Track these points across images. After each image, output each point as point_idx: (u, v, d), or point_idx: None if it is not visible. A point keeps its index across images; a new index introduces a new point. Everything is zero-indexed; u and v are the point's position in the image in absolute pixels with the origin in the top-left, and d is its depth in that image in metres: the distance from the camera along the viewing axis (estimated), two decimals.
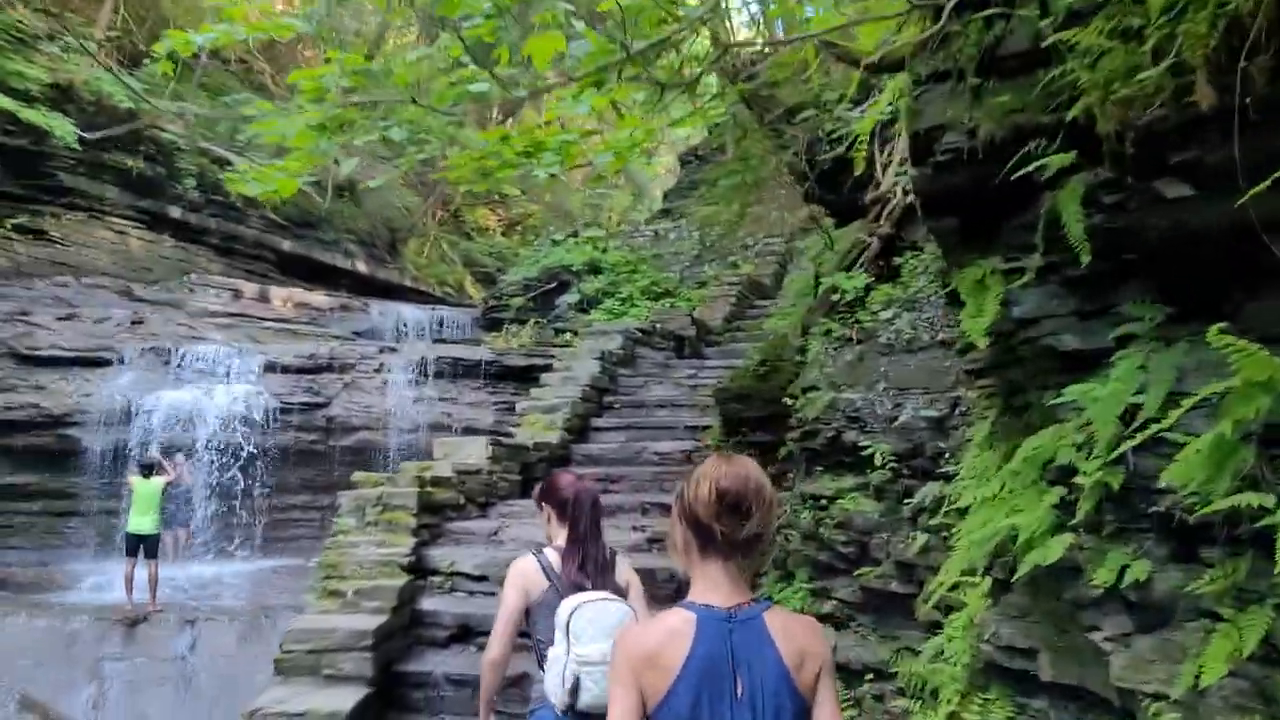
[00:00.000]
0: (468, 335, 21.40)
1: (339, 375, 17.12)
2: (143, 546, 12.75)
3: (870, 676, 5.06)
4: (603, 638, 3.24)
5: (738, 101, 6.67)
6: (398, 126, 5.35)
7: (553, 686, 3.31)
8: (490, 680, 3.76)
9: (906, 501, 5.07)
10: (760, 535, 2.13)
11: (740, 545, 2.10)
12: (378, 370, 17.34)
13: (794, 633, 2.12)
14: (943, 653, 4.44)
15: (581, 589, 3.50)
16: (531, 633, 3.68)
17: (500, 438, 9.90)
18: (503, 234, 34.90)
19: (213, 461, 15.72)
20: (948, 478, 4.90)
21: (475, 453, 9.13)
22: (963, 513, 4.59)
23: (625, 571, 3.83)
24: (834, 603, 5.35)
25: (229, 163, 22.86)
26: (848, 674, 5.21)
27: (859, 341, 5.50)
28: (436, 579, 7.32)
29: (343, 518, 7.43)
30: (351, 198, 27.13)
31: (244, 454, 15.92)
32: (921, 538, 4.87)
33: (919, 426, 5.10)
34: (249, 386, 16.41)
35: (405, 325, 21.66)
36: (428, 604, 7.03)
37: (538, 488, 4.03)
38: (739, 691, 2.03)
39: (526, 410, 11.12)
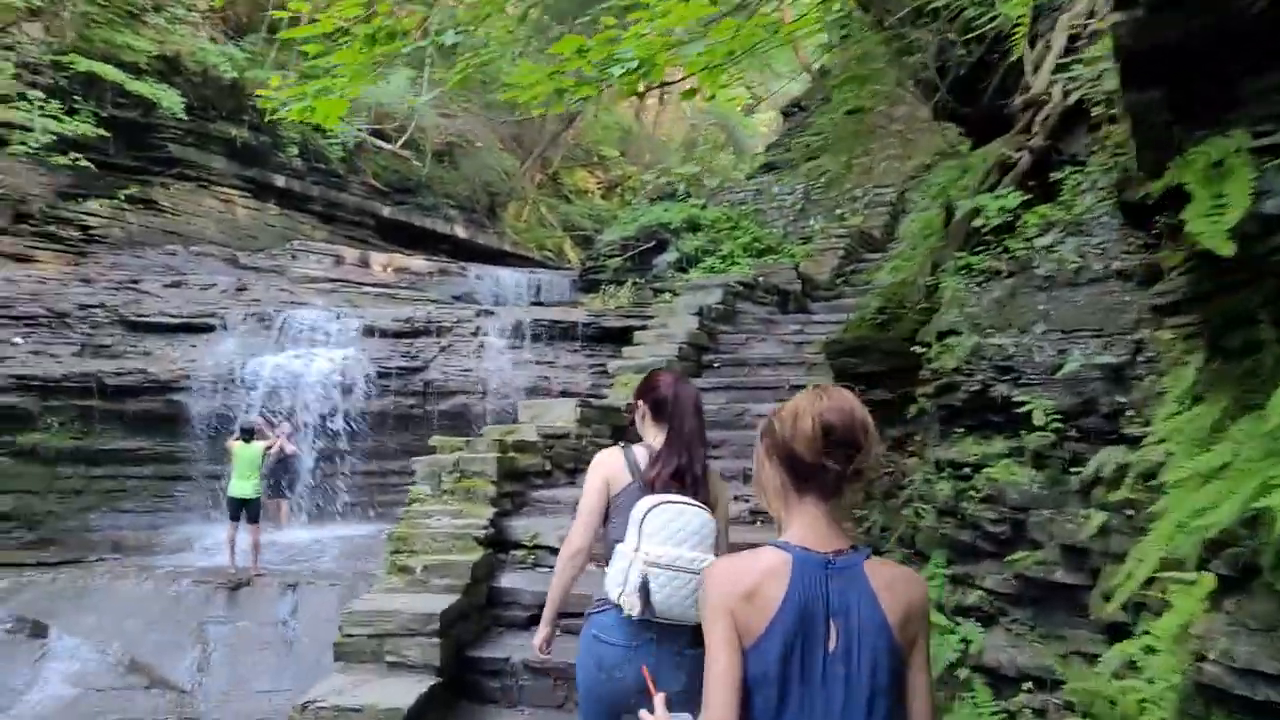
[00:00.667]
0: (566, 298, 20.75)
1: (436, 339, 16.61)
2: (244, 511, 12.52)
3: (1028, 685, 4.00)
4: (676, 542, 2.99)
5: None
6: (452, 31, 4.45)
7: (613, 583, 3.08)
8: (568, 574, 3.47)
9: (1074, 471, 3.97)
10: (865, 471, 1.92)
11: (846, 482, 1.91)
12: (474, 334, 16.78)
13: (898, 586, 1.91)
14: (1135, 664, 3.35)
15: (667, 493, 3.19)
16: (605, 530, 3.40)
17: (590, 399, 9.01)
18: (602, 197, 34.04)
19: (312, 426, 15.39)
20: (1131, 441, 3.77)
21: (563, 415, 8.25)
22: (1155, 485, 3.48)
23: (717, 487, 3.47)
24: (979, 593, 4.28)
25: (329, 129, 22.56)
26: (998, 679, 4.16)
27: (1009, 275, 4.38)
28: (518, 553, 6.48)
29: (417, 486, 6.64)
30: (450, 162, 26.64)
31: (343, 418, 15.55)
32: (1097, 517, 3.76)
33: (1090, 377, 3.98)
34: (347, 351, 16.03)
35: (503, 289, 21.06)
36: (506, 581, 6.20)
37: (638, 384, 3.66)
38: (832, 643, 1.86)
39: (619, 370, 10.19)
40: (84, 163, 17.69)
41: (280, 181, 21.94)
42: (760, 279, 12.62)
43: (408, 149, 24.19)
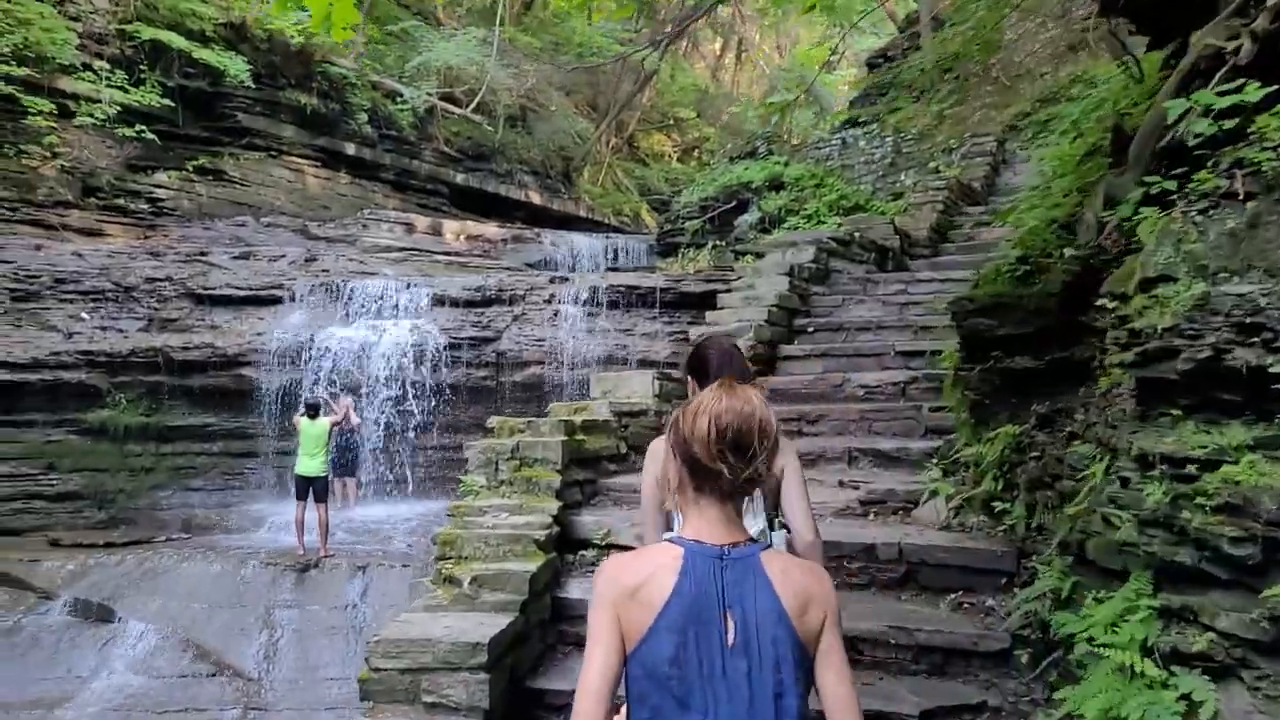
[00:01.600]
0: (643, 264, 19.68)
1: (508, 308, 15.73)
2: (312, 489, 11.86)
3: None
4: None
5: None
6: None
7: None
8: None
9: None
10: (761, 475, 1.85)
11: (740, 486, 1.85)
12: (548, 301, 15.86)
13: (793, 573, 1.85)
14: None
15: None
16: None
17: (670, 370, 7.86)
18: (678, 160, 32.70)
19: (382, 400, 14.65)
20: None
21: (640, 389, 7.14)
22: None
23: (782, 455, 2.95)
24: (1209, 636, 3.06)
25: (400, 95, 21.74)
26: None
27: (1248, 197, 3.11)
28: (588, 554, 5.41)
29: (470, 476, 5.60)
30: (524, 127, 25.65)
31: (413, 392, 14.78)
32: None
33: None
34: (417, 322, 15.24)
35: (578, 255, 20.04)
36: (575, 589, 5.12)
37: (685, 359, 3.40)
38: (730, 637, 1.77)
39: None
40: (150, 134, 17.14)
41: (351, 150, 21.21)
42: (856, 234, 11.27)
43: (479, 113, 23.25)
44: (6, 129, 15.85)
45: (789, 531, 3.02)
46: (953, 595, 5.08)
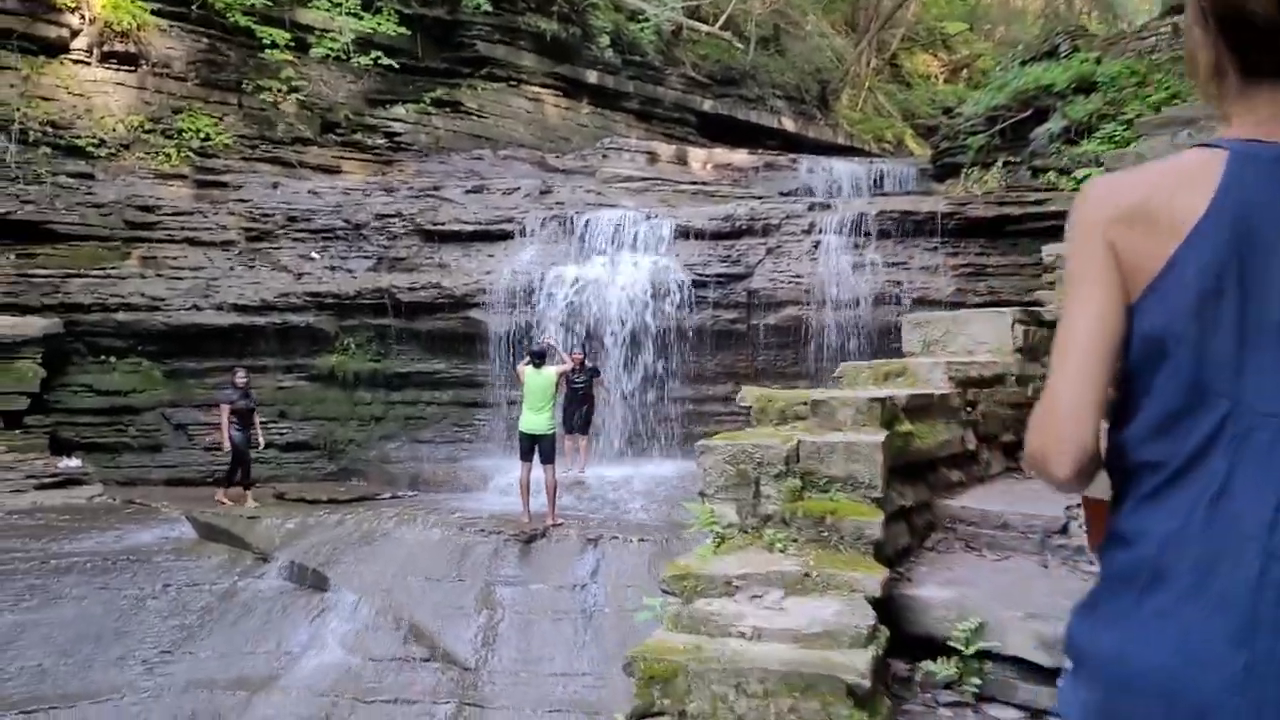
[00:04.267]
0: (913, 190, 16.17)
1: (761, 239, 12.96)
2: (537, 448, 9.77)
3: None
4: None
5: None
6: None
7: None
8: None
9: None
10: None
11: None
12: (807, 231, 12.95)
13: None
14: None
15: None
16: None
17: (1036, 309, 4.66)
18: (946, 81, 28.11)
19: (617, 346, 12.35)
20: None
21: (990, 337, 4.08)
22: None
23: None
24: None
25: (643, 13, 19.20)
26: None
27: None
28: (937, 668, 2.55)
29: (707, 503, 2.87)
30: (776, 49, 22.38)
31: (653, 336, 12.37)
32: None
33: None
34: (658, 257, 12.76)
35: (837, 182, 16.80)
36: None
37: None
38: None
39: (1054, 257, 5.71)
40: (386, 60, 15.56)
41: (593, 78, 18.93)
42: None
43: (728, 30, 20.26)
44: (248, 65, 14.76)
45: None
46: None
